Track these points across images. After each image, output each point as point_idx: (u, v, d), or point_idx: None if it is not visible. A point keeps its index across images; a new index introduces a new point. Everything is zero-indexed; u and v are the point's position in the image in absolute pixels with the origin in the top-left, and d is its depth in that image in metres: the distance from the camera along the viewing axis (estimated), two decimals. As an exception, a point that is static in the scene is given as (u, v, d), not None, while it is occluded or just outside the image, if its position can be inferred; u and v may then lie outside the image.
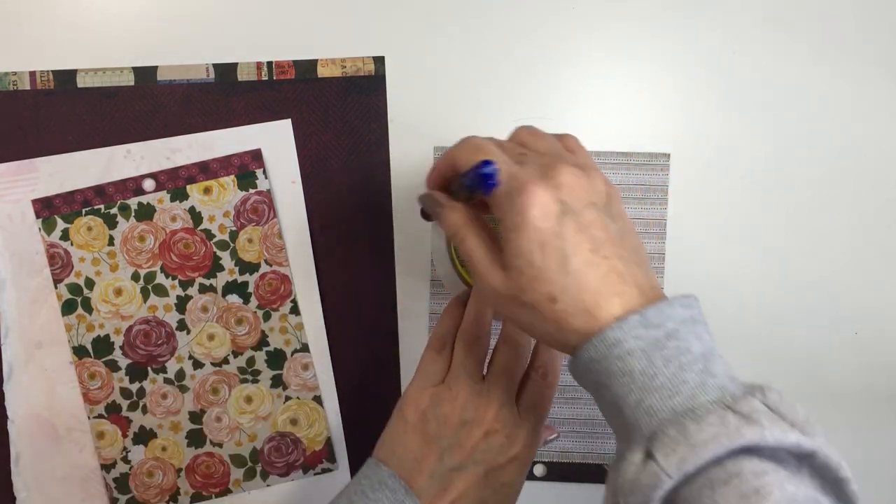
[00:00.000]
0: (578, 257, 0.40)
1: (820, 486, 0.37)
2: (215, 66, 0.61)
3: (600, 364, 0.39)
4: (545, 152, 0.45)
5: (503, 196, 0.41)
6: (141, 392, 0.61)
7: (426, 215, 0.52)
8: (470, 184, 0.42)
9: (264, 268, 0.61)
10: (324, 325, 0.61)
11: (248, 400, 0.61)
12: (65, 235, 0.60)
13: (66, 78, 0.61)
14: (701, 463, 0.36)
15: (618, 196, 0.44)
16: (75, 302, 0.60)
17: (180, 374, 0.61)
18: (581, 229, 0.40)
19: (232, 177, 0.60)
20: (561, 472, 0.62)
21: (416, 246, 0.62)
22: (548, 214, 0.40)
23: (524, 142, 0.46)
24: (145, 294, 0.61)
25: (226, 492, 0.62)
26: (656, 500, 0.36)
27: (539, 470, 0.62)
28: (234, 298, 0.61)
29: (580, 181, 0.41)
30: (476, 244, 0.44)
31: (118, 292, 0.61)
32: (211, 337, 0.61)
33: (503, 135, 0.61)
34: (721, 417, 0.36)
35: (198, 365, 0.61)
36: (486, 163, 0.40)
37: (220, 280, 0.61)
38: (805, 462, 0.37)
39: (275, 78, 0.61)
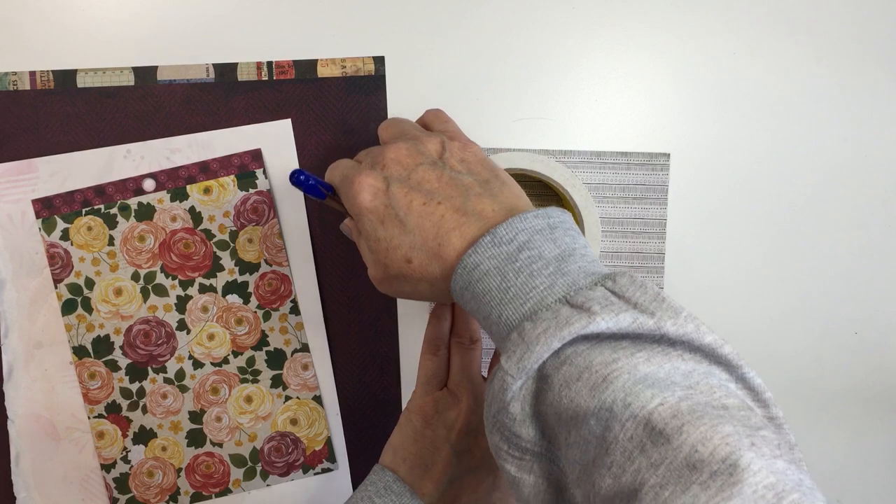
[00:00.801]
0: (412, 214, 0.42)
1: (702, 360, 0.36)
2: (215, 66, 0.61)
3: (468, 291, 0.40)
4: (398, 137, 0.47)
5: (343, 197, 0.45)
6: (141, 392, 0.61)
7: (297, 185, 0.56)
8: (310, 195, 0.47)
9: (264, 268, 0.61)
10: (324, 325, 0.61)
11: (248, 400, 0.61)
12: (65, 235, 0.60)
13: (66, 78, 0.61)
14: (537, 359, 0.36)
15: (461, 146, 0.45)
16: (75, 302, 0.60)
17: (180, 374, 0.61)
18: (410, 190, 0.43)
19: (232, 177, 0.60)
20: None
21: (416, 246, 0.62)
22: (376, 193, 0.43)
23: (387, 138, 0.49)
24: (145, 294, 0.61)
25: (226, 492, 0.62)
26: (507, 402, 0.37)
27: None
28: (234, 298, 0.61)
29: (406, 150, 0.44)
30: (361, 246, 0.46)
31: (118, 292, 0.61)
32: (211, 337, 0.61)
33: (502, 133, 0.61)
34: (555, 312, 0.36)
35: (198, 365, 0.61)
36: (294, 173, 0.45)
37: (220, 280, 0.61)
38: (680, 345, 0.36)
39: (275, 78, 0.61)
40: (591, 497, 0.34)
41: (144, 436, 0.61)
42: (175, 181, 0.60)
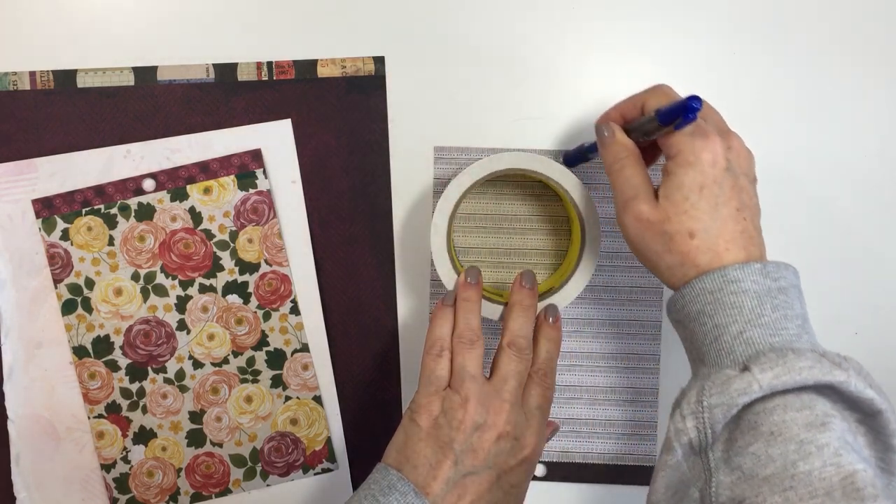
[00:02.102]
0: (727, 208, 0.46)
1: (876, 454, 0.42)
2: (215, 66, 0.61)
3: (713, 295, 0.45)
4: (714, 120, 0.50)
5: (685, 135, 0.47)
6: (141, 392, 0.61)
7: (569, 162, 0.59)
8: (667, 114, 0.47)
9: (264, 268, 0.61)
10: (324, 325, 0.61)
11: (248, 400, 0.61)
12: (65, 235, 0.60)
13: (66, 78, 0.61)
14: (791, 384, 0.41)
15: (746, 162, 0.49)
16: (75, 302, 0.60)
17: (180, 374, 0.61)
18: (736, 188, 0.47)
19: (232, 177, 0.60)
20: (561, 472, 0.62)
21: (416, 246, 0.62)
22: (716, 163, 0.46)
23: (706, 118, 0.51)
24: (145, 294, 0.61)
25: (226, 492, 0.62)
26: (740, 404, 0.41)
27: (540, 470, 0.62)
28: (234, 298, 0.61)
29: (745, 152, 0.49)
30: (633, 173, 0.49)
31: (118, 292, 0.61)
32: (211, 337, 0.61)
33: (502, 133, 0.61)
34: (816, 359, 0.42)
35: (198, 365, 0.61)
36: (696, 98, 0.45)
37: (220, 280, 0.61)
38: (864, 424, 0.43)
39: (275, 78, 0.61)
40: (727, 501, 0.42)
41: (144, 436, 0.61)
42: (175, 181, 0.60)
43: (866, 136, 0.61)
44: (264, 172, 0.60)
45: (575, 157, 0.59)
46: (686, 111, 0.45)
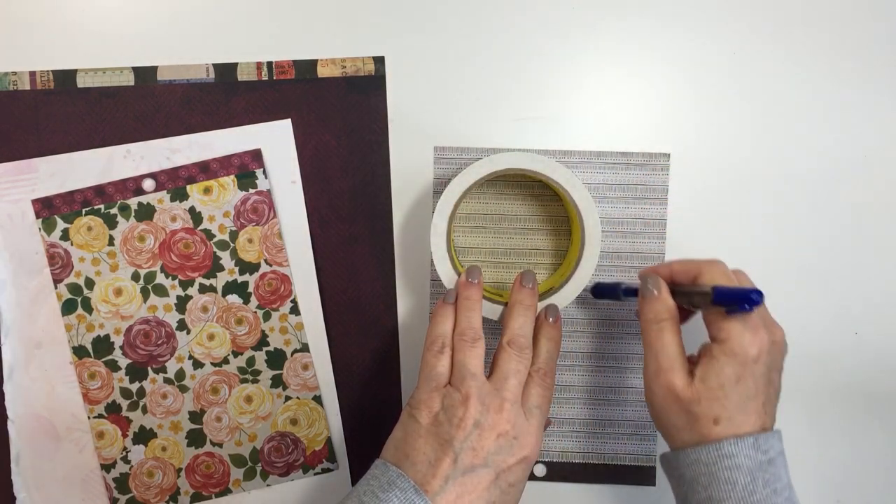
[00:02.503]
0: (754, 403, 0.48)
1: None
2: (215, 66, 0.61)
3: (707, 468, 0.47)
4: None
5: (737, 324, 0.48)
6: (141, 392, 0.61)
7: (598, 293, 0.59)
8: (726, 296, 0.47)
9: (264, 268, 0.61)
10: (324, 325, 0.61)
11: (248, 400, 0.61)
12: (65, 235, 0.60)
13: (66, 78, 0.61)
14: None
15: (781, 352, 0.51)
16: (75, 302, 0.60)
17: (180, 374, 0.61)
18: (767, 383, 0.48)
19: (232, 177, 0.60)
20: (561, 472, 0.62)
21: (416, 246, 0.62)
22: (758, 359, 0.48)
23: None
24: (145, 294, 0.61)
25: (226, 492, 0.62)
26: None
27: (539, 470, 0.62)
28: (234, 298, 0.61)
29: (784, 346, 0.50)
30: (672, 340, 0.50)
31: (118, 292, 0.61)
32: (211, 337, 0.61)
33: (502, 133, 0.61)
34: None
35: (198, 365, 0.61)
36: (758, 293, 0.46)
37: (220, 280, 0.61)
38: None
39: (275, 78, 0.61)
40: None
41: (144, 436, 0.61)
42: (175, 181, 0.60)
43: (867, 134, 0.61)
44: (264, 172, 0.61)
45: (606, 291, 0.58)
46: (746, 302, 0.46)
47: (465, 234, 0.61)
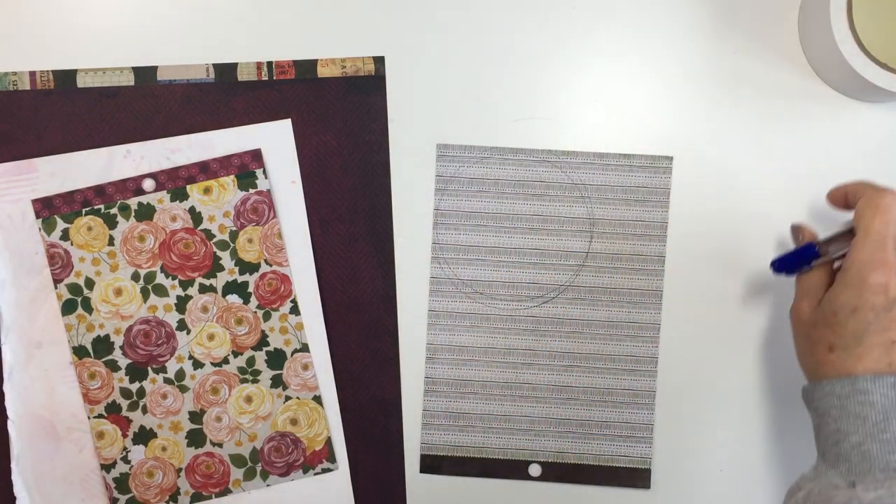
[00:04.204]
0: (878, 337, 0.46)
1: None
2: (215, 66, 0.61)
3: (839, 400, 0.46)
4: None
5: (861, 252, 0.47)
6: (141, 392, 0.61)
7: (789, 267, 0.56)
8: (782, 266, 0.53)
9: (264, 268, 0.61)
10: (324, 325, 0.61)
11: (248, 400, 0.62)
12: (65, 235, 0.60)
13: (66, 78, 0.60)
14: None
15: None
16: (75, 302, 0.61)
17: (180, 374, 0.61)
18: (891, 320, 0.46)
19: (232, 177, 0.60)
20: (556, 472, 0.62)
21: (416, 246, 0.62)
22: (881, 290, 0.46)
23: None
24: (145, 294, 0.61)
25: (226, 492, 0.62)
26: None
27: (535, 470, 0.62)
28: (234, 298, 0.61)
29: None
30: (816, 273, 0.51)
31: (118, 292, 0.61)
32: (211, 337, 0.61)
33: (502, 133, 0.61)
34: None
35: (198, 365, 0.61)
36: (811, 249, 0.49)
37: (220, 280, 0.61)
38: None
39: (275, 78, 0.61)
40: None
41: (144, 436, 0.61)
42: (175, 181, 0.60)
43: (868, 135, 0.61)
44: (264, 172, 0.60)
45: (792, 263, 0.56)
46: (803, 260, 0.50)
47: (466, 234, 0.61)
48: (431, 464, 0.62)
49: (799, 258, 0.53)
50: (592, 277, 0.61)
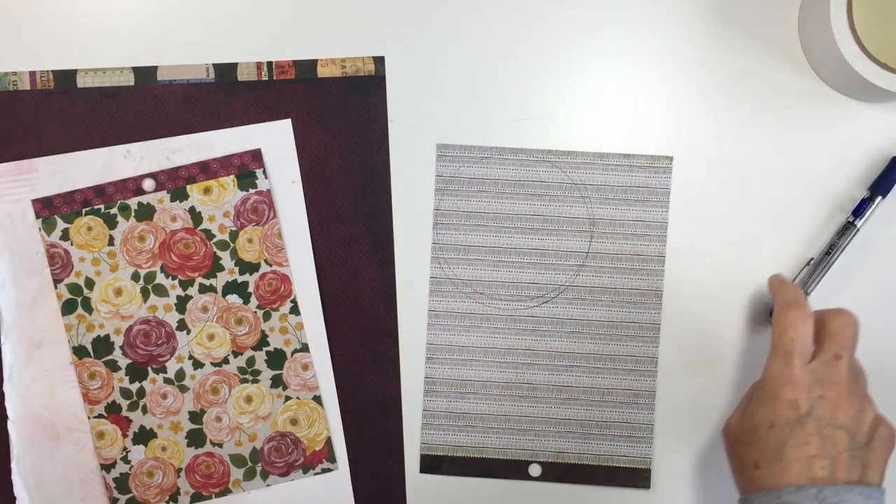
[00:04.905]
0: (796, 452, 0.46)
1: None
2: (215, 66, 0.61)
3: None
4: (837, 359, 0.49)
5: (774, 360, 0.48)
6: (141, 392, 0.61)
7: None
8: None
9: (264, 268, 0.61)
10: (324, 325, 0.62)
11: (248, 400, 0.62)
12: (65, 235, 0.60)
13: (66, 78, 0.60)
14: None
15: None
16: (75, 302, 0.61)
17: (180, 374, 0.61)
18: (817, 436, 0.46)
19: (232, 177, 0.60)
20: (556, 472, 0.62)
21: (416, 246, 0.62)
22: (790, 409, 0.47)
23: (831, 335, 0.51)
24: (145, 294, 0.61)
25: (226, 492, 0.62)
26: None
27: (535, 470, 0.62)
28: (234, 298, 0.61)
29: (846, 405, 0.47)
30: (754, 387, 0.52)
31: (118, 292, 0.61)
32: (211, 337, 0.61)
33: (502, 133, 0.61)
34: None
35: (198, 365, 0.61)
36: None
37: (220, 280, 0.61)
38: None
39: (275, 78, 0.61)
40: None
41: (144, 436, 0.61)
42: (175, 181, 0.60)
43: (868, 135, 0.61)
44: (264, 172, 0.60)
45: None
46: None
47: (466, 234, 0.61)
48: (431, 464, 0.62)
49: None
50: (592, 277, 0.61)
